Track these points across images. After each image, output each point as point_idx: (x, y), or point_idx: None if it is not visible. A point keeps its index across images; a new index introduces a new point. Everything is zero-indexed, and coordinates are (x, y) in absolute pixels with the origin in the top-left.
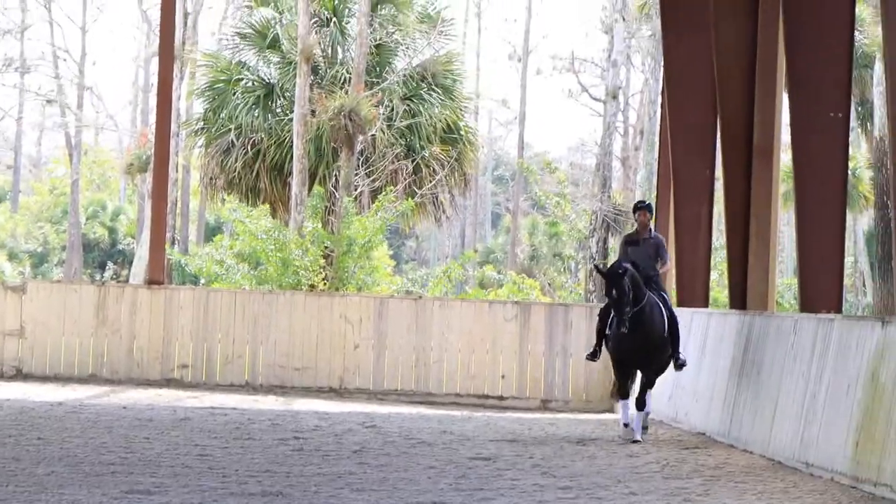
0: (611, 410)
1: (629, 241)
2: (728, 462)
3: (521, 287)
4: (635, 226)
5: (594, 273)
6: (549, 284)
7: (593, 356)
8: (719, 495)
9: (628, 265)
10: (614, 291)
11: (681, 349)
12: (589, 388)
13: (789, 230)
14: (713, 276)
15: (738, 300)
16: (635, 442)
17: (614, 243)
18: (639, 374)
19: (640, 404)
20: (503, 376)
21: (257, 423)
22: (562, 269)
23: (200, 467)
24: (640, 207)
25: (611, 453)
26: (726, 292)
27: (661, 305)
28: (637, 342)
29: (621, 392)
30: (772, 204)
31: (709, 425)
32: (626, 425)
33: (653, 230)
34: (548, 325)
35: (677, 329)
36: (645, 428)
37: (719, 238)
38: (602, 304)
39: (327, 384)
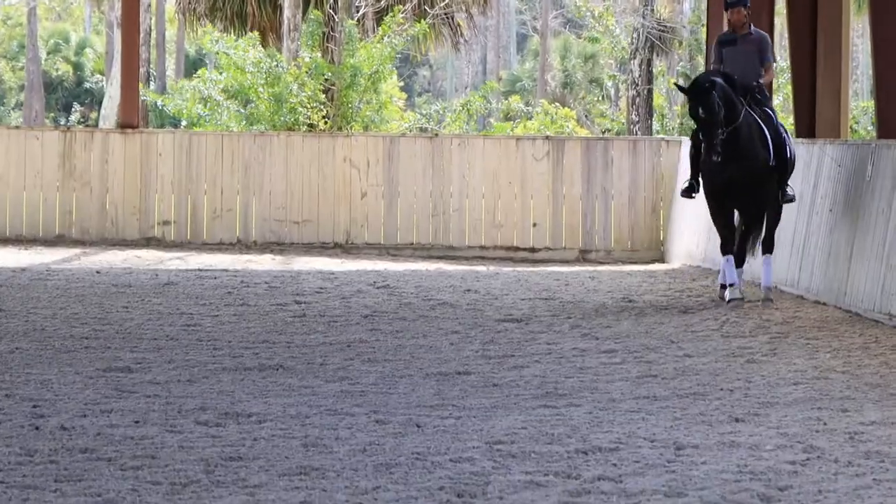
0: (660, 260)
1: (724, 42)
2: (798, 316)
3: (554, 118)
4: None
5: (638, 98)
6: (586, 115)
7: (689, 191)
8: (788, 354)
9: (717, 78)
10: (701, 111)
11: (789, 181)
12: (634, 235)
13: (864, 43)
14: (777, 99)
15: (806, 127)
16: (767, 301)
17: (660, 65)
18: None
19: (768, 245)
20: (535, 224)
21: (252, 286)
22: (600, 97)
23: (188, 339)
24: (732, 3)
25: (660, 310)
26: (792, 119)
27: (764, 125)
28: (735, 172)
29: (724, 245)
30: (842, 14)
31: (775, 274)
32: (727, 286)
33: (752, 27)
34: (585, 162)
35: (787, 154)
36: (769, 300)
37: (783, 56)
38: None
39: (332, 239)
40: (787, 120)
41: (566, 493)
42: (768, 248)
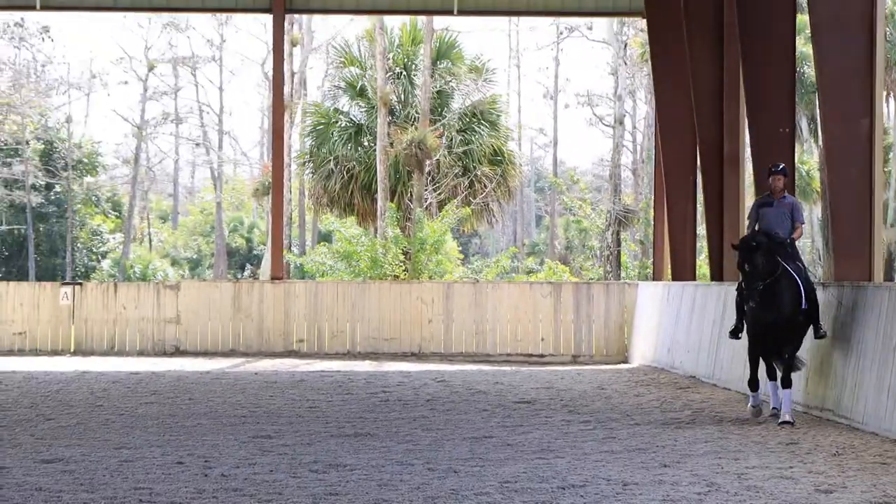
0: (625, 361)
1: (762, 204)
2: (711, 398)
3: (555, 271)
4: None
5: (611, 256)
6: (580, 268)
7: (735, 333)
8: (703, 422)
9: (763, 238)
10: (746, 265)
11: (821, 321)
12: (609, 345)
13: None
14: (700, 256)
15: (717, 274)
16: (784, 423)
17: (626, 235)
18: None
19: (786, 382)
20: (542, 339)
21: (355, 381)
22: (589, 256)
23: (310, 416)
24: (774, 172)
25: (622, 394)
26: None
27: (797, 276)
28: (773, 316)
29: (752, 382)
30: (740, 200)
31: (697, 370)
32: (753, 407)
33: (787, 193)
34: (575, 299)
35: (816, 299)
36: (789, 422)
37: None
38: (736, 282)
39: (409, 350)
40: (707, 269)
41: None
42: (787, 384)
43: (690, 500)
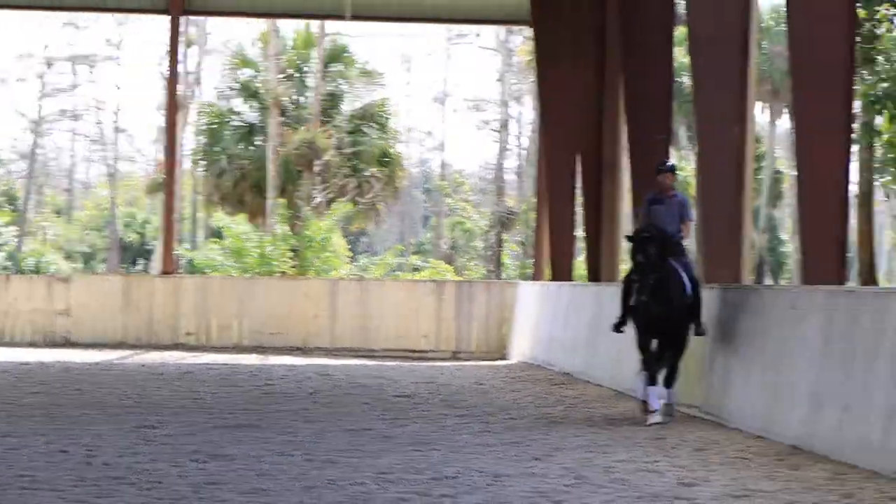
0: (504, 358)
1: (653, 201)
2: (584, 394)
3: (439, 270)
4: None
5: (493, 256)
6: (464, 268)
7: (619, 326)
8: (575, 417)
9: (655, 230)
10: (640, 256)
11: (703, 318)
12: (489, 342)
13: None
14: (579, 258)
15: (593, 275)
16: (667, 416)
17: (507, 237)
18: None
19: (668, 382)
20: (425, 336)
21: (241, 374)
22: (472, 256)
23: (194, 407)
24: (662, 170)
25: (499, 389)
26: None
27: (685, 272)
28: (660, 310)
29: (645, 364)
30: (616, 205)
31: (573, 367)
32: (643, 402)
33: (676, 191)
34: (457, 297)
35: (700, 297)
36: (670, 416)
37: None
38: (622, 279)
39: (295, 344)
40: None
41: None
42: (670, 382)
43: (558, 492)
